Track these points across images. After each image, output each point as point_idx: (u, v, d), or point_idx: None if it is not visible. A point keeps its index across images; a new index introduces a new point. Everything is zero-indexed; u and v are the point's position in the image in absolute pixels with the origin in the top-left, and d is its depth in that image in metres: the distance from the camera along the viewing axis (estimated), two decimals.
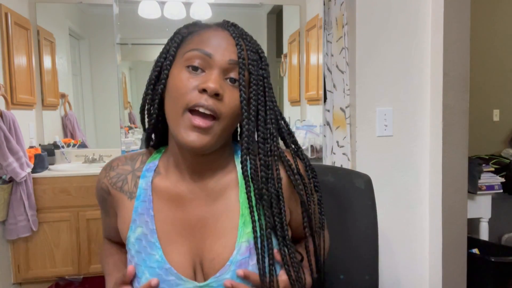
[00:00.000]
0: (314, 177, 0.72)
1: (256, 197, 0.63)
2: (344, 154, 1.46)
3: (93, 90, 2.83)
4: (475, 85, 2.10)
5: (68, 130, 2.77)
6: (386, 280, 1.46)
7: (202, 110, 0.60)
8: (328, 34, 1.57)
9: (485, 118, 2.82)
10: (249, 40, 0.66)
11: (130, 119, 2.92)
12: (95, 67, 2.83)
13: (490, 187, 2.05)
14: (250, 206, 0.63)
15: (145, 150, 0.75)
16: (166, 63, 0.65)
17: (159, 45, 0.70)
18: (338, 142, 1.50)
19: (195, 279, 0.64)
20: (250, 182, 0.63)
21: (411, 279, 1.48)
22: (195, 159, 0.66)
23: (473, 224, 2.13)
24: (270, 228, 0.63)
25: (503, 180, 2.10)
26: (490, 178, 2.07)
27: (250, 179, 0.63)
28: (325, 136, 1.62)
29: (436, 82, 1.40)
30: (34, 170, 2.23)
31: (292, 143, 0.70)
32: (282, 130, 0.69)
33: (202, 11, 2.77)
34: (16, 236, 2.10)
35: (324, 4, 1.59)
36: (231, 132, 0.66)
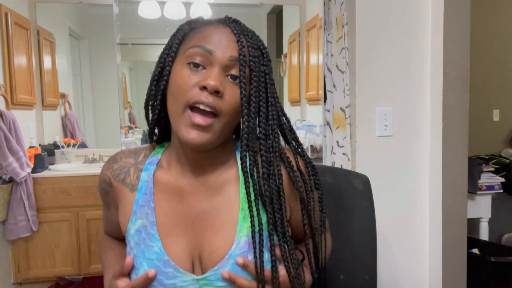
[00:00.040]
0: (314, 174, 0.71)
1: (255, 193, 0.63)
2: (344, 154, 1.46)
3: (93, 90, 2.84)
4: (475, 85, 2.10)
5: (68, 130, 2.77)
6: (386, 280, 1.46)
7: (202, 107, 0.60)
8: (328, 34, 1.57)
9: (485, 118, 2.82)
10: (250, 36, 0.66)
11: (130, 119, 2.92)
12: (95, 67, 2.83)
13: (490, 187, 2.05)
14: (249, 202, 0.63)
15: (148, 145, 0.76)
16: (168, 60, 0.65)
17: (159, 45, 0.71)
18: (338, 142, 1.50)
19: (193, 272, 0.64)
20: (249, 178, 0.63)
21: (411, 279, 1.48)
22: (196, 155, 0.67)
23: (473, 224, 2.13)
24: (272, 224, 0.63)
25: (503, 180, 2.09)
26: (490, 178, 2.07)
27: (249, 175, 0.63)
28: (325, 136, 1.62)
29: (436, 82, 1.40)
30: (34, 170, 2.23)
31: (292, 140, 0.70)
32: (283, 127, 0.69)
33: (202, 11, 2.77)
34: (16, 236, 2.10)
35: (324, 4, 1.59)
36: (232, 128, 0.67)
